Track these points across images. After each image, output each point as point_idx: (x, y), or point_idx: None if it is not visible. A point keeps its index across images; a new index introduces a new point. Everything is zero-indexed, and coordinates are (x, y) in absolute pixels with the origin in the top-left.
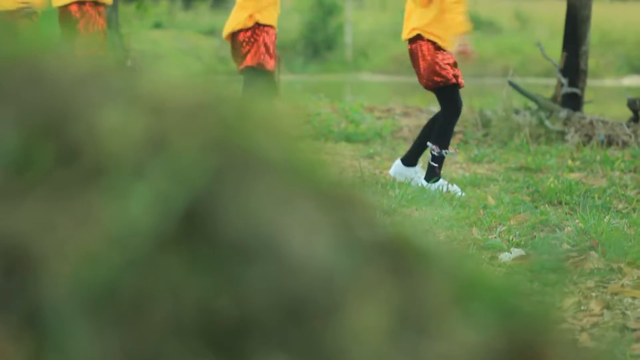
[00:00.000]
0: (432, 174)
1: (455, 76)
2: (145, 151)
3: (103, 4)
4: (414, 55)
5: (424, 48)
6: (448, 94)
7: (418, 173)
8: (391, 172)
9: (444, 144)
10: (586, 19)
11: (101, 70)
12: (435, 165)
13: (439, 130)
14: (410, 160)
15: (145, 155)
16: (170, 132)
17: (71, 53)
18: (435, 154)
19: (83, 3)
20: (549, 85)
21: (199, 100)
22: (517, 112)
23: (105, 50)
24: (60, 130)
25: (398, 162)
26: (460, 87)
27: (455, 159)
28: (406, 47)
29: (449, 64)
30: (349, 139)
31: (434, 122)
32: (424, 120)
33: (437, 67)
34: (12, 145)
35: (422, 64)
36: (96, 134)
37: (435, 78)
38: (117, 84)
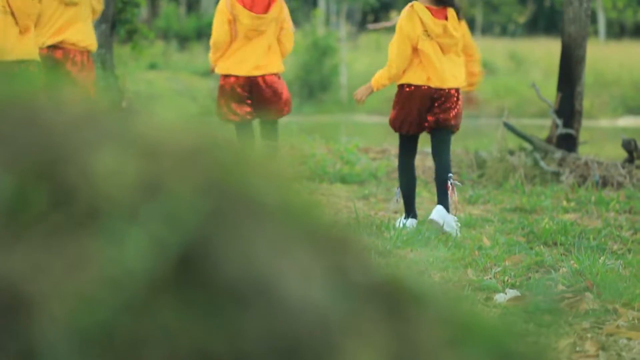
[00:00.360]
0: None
1: None
2: (140, 194)
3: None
4: (452, 99)
5: (459, 94)
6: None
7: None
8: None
9: None
10: (581, 60)
11: (96, 113)
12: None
13: (449, 164)
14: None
15: (140, 199)
16: (166, 175)
17: (66, 95)
18: (459, 184)
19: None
20: (544, 126)
21: (194, 144)
22: (512, 153)
23: (94, 91)
24: (54, 172)
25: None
26: None
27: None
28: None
29: None
30: (344, 180)
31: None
32: (418, 161)
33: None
34: (5, 187)
35: (458, 108)
36: (91, 177)
37: (460, 121)
38: (112, 126)
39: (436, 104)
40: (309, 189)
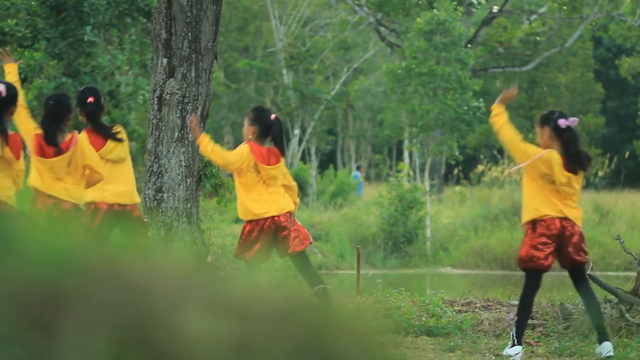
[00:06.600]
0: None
1: None
2: (231, 357)
3: None
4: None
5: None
6: None
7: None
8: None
9: None
10: None
11: (186, 275)
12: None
13: None
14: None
15: None
16: (256, 337)
17: (154, 256)
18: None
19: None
20: (629, 278)
21: (283, 305)
22: None
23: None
24: (148, 337)
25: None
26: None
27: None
28: (484, 241)
29: None
30: (429, 332)
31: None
32: (504, 313)
33: None
34: (101, 353)
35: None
36: (183, 340)
37: None
38: (202, 288)
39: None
40: (394, 342)
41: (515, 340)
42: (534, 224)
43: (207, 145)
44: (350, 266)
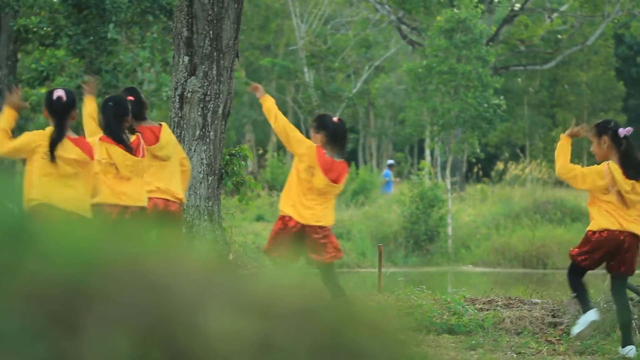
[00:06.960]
0: None
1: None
2: (254, 355)
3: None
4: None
5: None
6: None
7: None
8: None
9: None
10: None
11: (208, 273)
12: None
13: None
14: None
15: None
16: (279, 336)
17: (176, 255)
18: None
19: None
20: None
21: (305, 303)
22: None
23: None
24: (170, 336)
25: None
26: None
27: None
28: (505, 239)
29: None
30: (451, 330)
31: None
32: (525, 311)
33: None
34: (125, 353)
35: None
36: (205, 339)
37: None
38: (225, 287)
39: None
40: (416, 340)
41: (584, 309)
42: (594, 232)
43: (270, 108)
44: (372, 264)
